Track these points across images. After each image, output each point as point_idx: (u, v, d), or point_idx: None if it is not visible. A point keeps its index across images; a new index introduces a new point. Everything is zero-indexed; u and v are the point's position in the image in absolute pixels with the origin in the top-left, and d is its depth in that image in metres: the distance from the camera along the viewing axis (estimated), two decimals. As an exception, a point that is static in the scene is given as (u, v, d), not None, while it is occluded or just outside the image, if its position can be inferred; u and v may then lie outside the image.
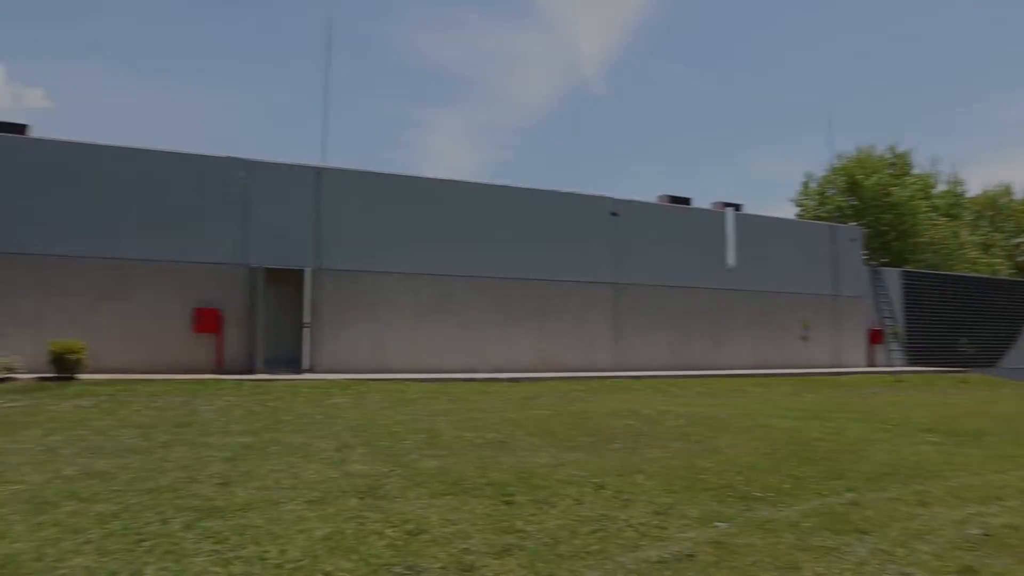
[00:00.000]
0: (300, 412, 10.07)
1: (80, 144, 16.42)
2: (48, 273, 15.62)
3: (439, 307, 18.66)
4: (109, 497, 4.94)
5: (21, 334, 15.06)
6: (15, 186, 15.57)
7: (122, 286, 16.07)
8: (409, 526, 4.47)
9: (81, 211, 15.96)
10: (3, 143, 15.99)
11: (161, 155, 16.90)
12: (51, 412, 9.52)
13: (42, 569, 3.54)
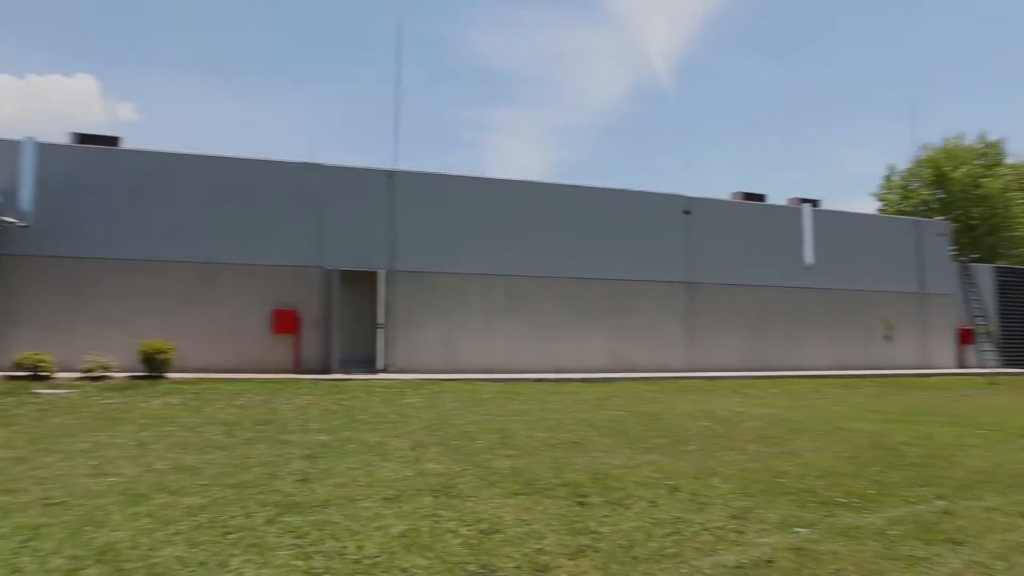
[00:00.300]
0: (375, 411, 10.26)
1: (166, 154, 17.18)
2: (139, 277, 16.38)
3: (510, 307, 18.73)
4: (197, 491, 5.14)
5: (115, 334, 15.83)
6: (109, 195, 16.38)
7: (206, 289, 16.73)
8: (483, 525, 4.50)
9: (168, 217, 16.67)
10: (98, 155, 16.86)
11: (241, 162, 17.50)
12: (143, 409, 9.98)
13: (138, 557, 3.71)
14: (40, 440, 7.23)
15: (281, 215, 17.35)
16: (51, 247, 15.94)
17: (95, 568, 3.55)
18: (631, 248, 20.09)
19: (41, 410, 9.67)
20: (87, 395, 11.50)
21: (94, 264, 16.14)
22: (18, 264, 15.84)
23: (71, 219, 16.14)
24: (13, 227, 15.64)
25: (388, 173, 18.18)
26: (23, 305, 15.82)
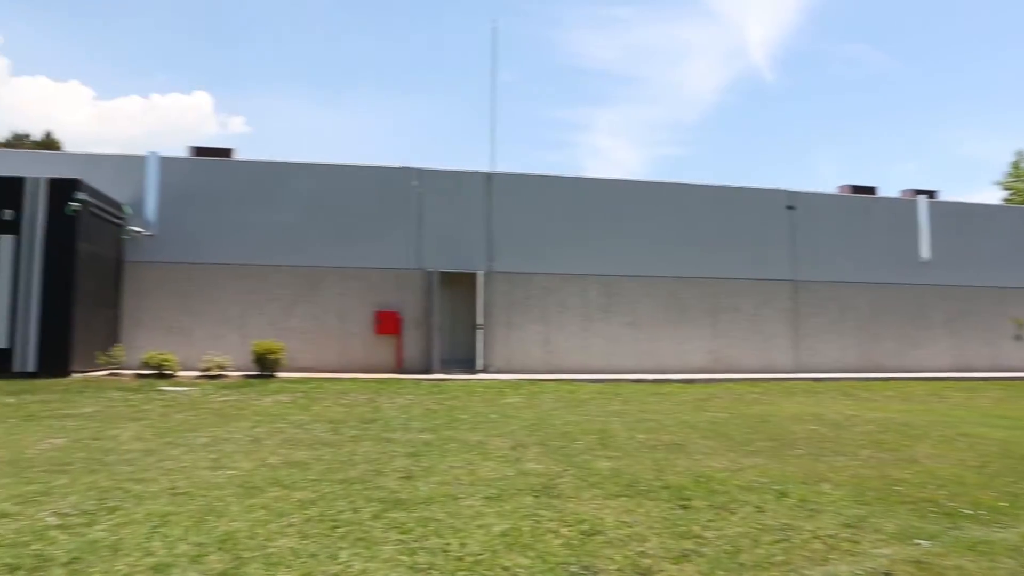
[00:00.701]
0: (475, 411, 10.40)
1: (274, 163, 17.99)
2: (250, 281, 17.23)
3: (608, 307, 18.59)
4: (307, 486, 5.35)
5: (230, 336, 16.71)
6: (224, 204, 17.30)
7: (313, 292, 17.40)
8: (584, 526, 4.48)
9: (277, 224, 17.46)
10: (212, 166, 17.84)
11: (344, 168, 18.12)
12: (256, 406, 10.47)
13: (255, 546, 3.89)
14: (166, 434, 7.71)
15: (382, 219, 17.86)
16: (172, 254, 16.99)
17: (217, 555, 3.75)
18: (732, 245, 19.56)
19: (166, 406, 10.31)
20: (206, 393, 12.18)
21: (210, 269, 17.10)
22: (144, 270, 16.96)
23: (189, 227, 17.15)
24: (140, 236, 16.77)
25: (486, 175, 18.41)
26: (148, 308, 16.92)
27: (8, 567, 3.52)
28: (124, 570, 3.51)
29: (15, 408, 9.74)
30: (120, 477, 5.52)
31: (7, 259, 14.30)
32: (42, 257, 14.36)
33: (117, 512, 4.50)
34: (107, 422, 8.59)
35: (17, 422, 8.49)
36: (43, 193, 14.48)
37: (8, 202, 14.39)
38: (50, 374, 13.98)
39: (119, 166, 17.28)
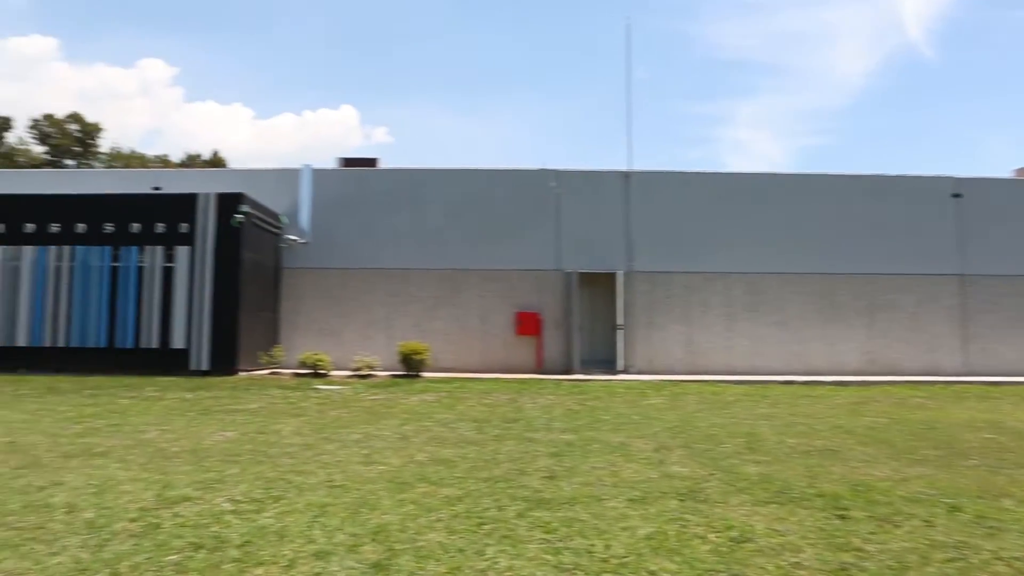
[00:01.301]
0: (617, 412, 10.31)
1: (416, 170, 18.67)
2: (396, 284, 17.95)
3: (753, 306, 17.89)
4: (453, 483, 5.49)
5: (378, 336, 17.48)
6: (370, 210, 18.13)
7: (454, 293, 17.89)
8: (733, 533, 4.32)
9: (419, 228, 18.10)
10: (360, 175, 18.75)
11: (483, 173, 18.51)
12: (403, 405, 10.89)
13: (406, 539, 4.05)
14: (322, 430, 8.18)
15: (521, 221, 18.10)
16: (324, 260, 18.01)
17: (371, 546, 3.92)
18: (889, 239, 18.28)
19: (321, 403, 10.93)
20: (357, 391, 12.81)
21: (359, 273, 17.98)
22: (299, 276, 18.08)
23: (340, 234, 18.11)
24: (295, 244, 17.90)
25: (623, 174, 18.24)
26: (303, 312, 18.02)
27: (193, 545, 3.85)
28: (289, 555, 3.75)
29: (192, 403, 10.67)
30: (283, 469, 5.90)
31: (184, 268, 15.71)
32: (212, 266, 15.66)
33: (281, 501, 4.82)
34: (270, 417, 9.23)
35: (195, 416, 9.29)
36: (212, 207, 15.79)
37: (184, 216, 15.80)
38: (220, 372, 15.22)
39: (276, 179, 18.54)
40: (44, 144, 51.74)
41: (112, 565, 3.55)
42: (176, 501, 4.78)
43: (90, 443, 7.05)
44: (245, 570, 3.53)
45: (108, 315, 15.81)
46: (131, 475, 5.57)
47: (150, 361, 15.48)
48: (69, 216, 16.12)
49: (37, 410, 9.64)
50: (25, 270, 16.10)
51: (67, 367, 15.48)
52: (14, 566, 3.54)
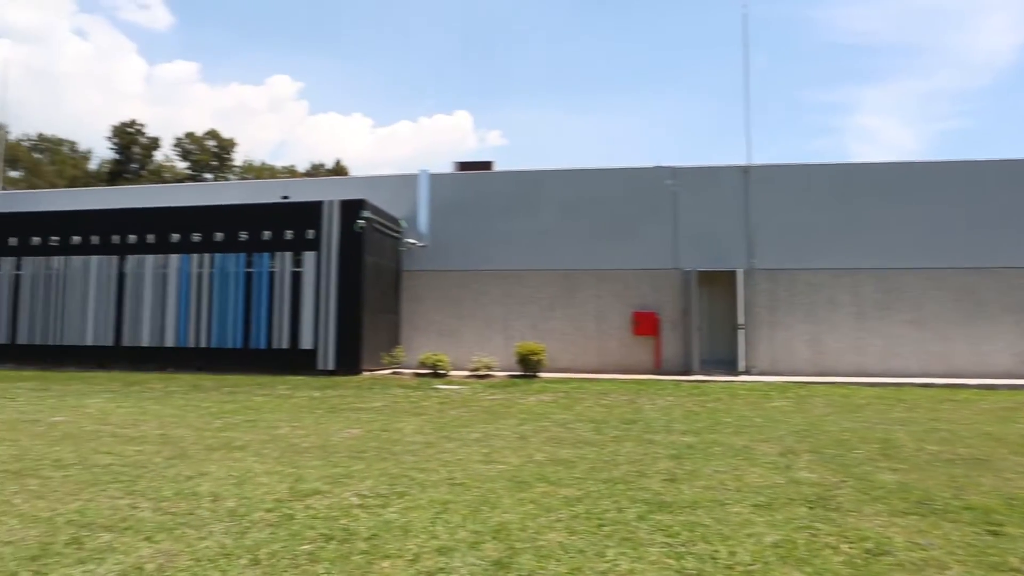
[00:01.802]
0: (739, 414, 9.99)
1: (530, 172, 18.78)
2: (512, 285, 18.13)
3: (886, 304, 16.88)
4: (572, 483, 5.48)
5: (495, 337, 17.72)
6: (486, 213, 18.40)
7: (570, 294, 17.87)
8: (868, 544, 4.09)
9: (534, 230, 18.20)
10: (476, 179, 19.07)
11: (597, 172, 18.40)
12: (521, 405, 10.98)
13: (526, 538, 4.07)
14: (442, 428, 8.37)
15: (637, 220, 17.87)
16: (442, 262, 18.44)
17: (492, 544, 3.98)
18: (1044, 229, 16.78)
19: (441, 402, 11.19)
20: (475, 391, 13.03)
21: (476, 275, 18.29)
22: (418, 278, 18.59)
23: (457, 237, 18.49)
24: (414, 247, 18.42)
25: (742, 169, 17.66)
26: (423, 313, 18.50)
27: (324, 537, 4.04)
28: (414, 549, 3.86)
29: (320, 401, 11.18)
30: (406, 466, 6.08)
31: (311, 273, 16.50)
32: (337, 270, 16.37)
33: (405, 497, 4.97)
34: (393, 416, 9.53)
35: (323, 413, 9.74)
36: (336, 214, 16.51)
37: (310, 223, 16.60)
38: (345, 372, 15.88)
39: (395, 185, 19.15)
40: (186, 160, 55.77)
41: (252, 551, 3.77)
42: (307, 494, 5.02)
43: (230, 437, 7.53)
44: (373, 562, 3.66)
45: (243, 318, 16.83)
46: (266, 468, 5.89)
47: (281, 361, 16.36)
48: (208, 226, 17.29)
49: (184, 406, 10.40)
50: (172, 277, 17.40)
51: (208, 366, 16.61)
52: (169, 547, 3.83)
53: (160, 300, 17.45)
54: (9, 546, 3.85)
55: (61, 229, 18.38)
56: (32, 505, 4.68)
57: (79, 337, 17.94)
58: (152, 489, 5.12)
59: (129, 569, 3.51)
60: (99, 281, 17.92)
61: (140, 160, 54.31)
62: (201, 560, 3.64)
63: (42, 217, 18.99)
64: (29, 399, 11.20)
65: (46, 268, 18.38)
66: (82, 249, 18.12)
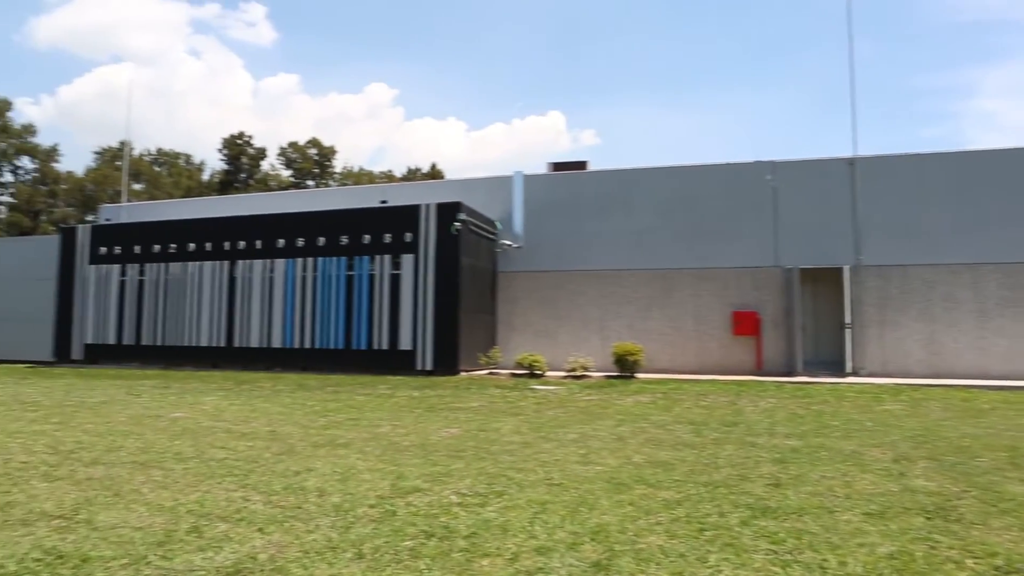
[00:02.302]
0: (847, 417, 9.55)
1: (625, 170, 18.61)
2: (608, 286, 18.00)
3: (1014, 301, 15.77)
4: (671, 486, 5.38)
5: (591, 338, 17.63)
6: (581, 213, 18.34)
7: (667, 293, 17.58)
8: (996, 560, 3.81)
9: (630, 229, 18.01)
10: (570, 179, 19.05)
11: (693, 169, 18.04)
12: (618, 406, 10.88)
13: (625, 541, 4.02)
14: (539, 429, 8.38)
15: (735, 217, 17.40)
16: (538, 263, 18.49)
17: (590, 545, 3.95)
18: None
19: (538, 403, 11.22)
20: (572, 392, 12.99)
21: (572, 276, 18.26)
22: (513, 279, 18.71)
23: (552, 237, 18.51)
24: (510, 248, 18.55)
25: (848, 161, 16.90)
26: (519, 314, 18.61)
27: (425, 533, 4.11)
28: (512, 548, 3.87)
29: (419, 401, 11.42)
30: (503, 465, 6.12)
31: (409, 275, 16.89)
32: (434, 272, 16.69)
33: (503, 497, 5.00)
34: (490, 416, 9.63)
35: (421, 412, 9.94)
36: (432, 217, 16.83)
37: (408, 226, 17.00)
38: (443, 372, 16.16)
39: (489, 187, 19.34)
40: (290, 168, 58.19)
41: (357, 545, 3.88)
42: (408, 491, 5.13)
43: (334, 435, 7.79)
44: (472, 560, 3.70)
45: (345, 319, 17.40)
46: (369, 465, 6.06)
47: (381, 361, 16.81)
48: (311, 231, 17.97)
49: (290, 404, 10.84)
50: (278, 281, 18.18)
51: (311, 366, 17.26)
52: (279, 538, 3.99)
53: (267, 303, 18.26)
54: (139, 531, 4.12)
55: (178, 237, 19.53)
56: (157, 495, 4.99)
57: (195, 338, 19.00)
58: (263, 483, 5.36)
59: (244, 558, 3.68)
60: (212, 286, 18.93)
61: (248, 170, 57.07)
62: (309, 552, 3.77)
63: (161, 226, 20.25)
64: (152, 396, 11.94)
65: (166, 274, 19.57)
66: (197, 255, 19.19)
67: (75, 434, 7.74)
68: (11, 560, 3.63)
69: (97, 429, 8.12)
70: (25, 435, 7.64)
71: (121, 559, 3.65)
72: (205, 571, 3.49)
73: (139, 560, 3.64)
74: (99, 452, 6.63)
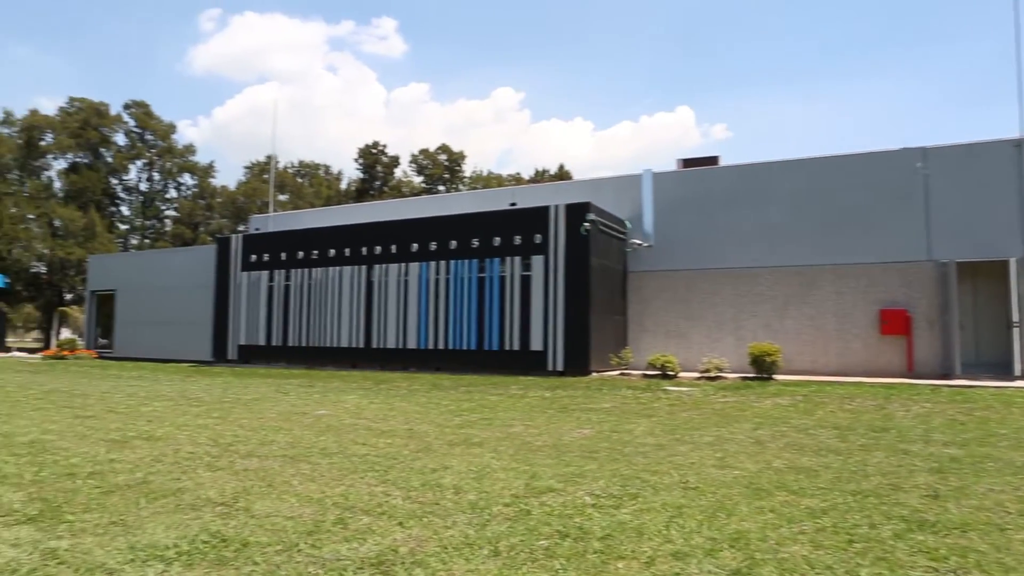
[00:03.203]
0: (1017, 425, 8.73)
1: (758, 164, 17.92)
2: (741, 284, 17.39)
3: None
4: (815, 493, 5.11)
5: (725, 338, 17.11)
6: (713, 210, 17.84)
7: (807, 292, 16.77)
8: None
9: (766, 224, 17.32)
10: (701, 175, 18.57)
11: (832, 160, 17.14)
12: (755, 408, 10.48)
13: (767, 549, 3.86)
14: (673, 431, 8.21)
15: (880, 208, 16.34)
16: (668, 262, 18.14)
17: (730, 552, 3.81)
18: None
19: (671, 405, 10.99)
20: (706, 393, 12.64)
21: (704, 274, 17.78)
22: (644, 279, 18.45)
23: (683, 236, 18.10)
24: (640, 247, 18.31)
25: (1015, 143, 15.46)
26: (649, 314, 18.33)
27: (560, 534, 4.12)
28: (648, 552, 3.80)
29: (551, 401, 11.47)
30: (637, 467, 6.03)
31: (539, 276, 17.01)
32: (564, 273, 16.72)
33: (637, 499, 4.93)
34: (622, 417, 9.53)
35: (554, 413, 9.98)
36: (562, 218, 16.87)
37: (537, 228, 17.13)
38: (574, 373, 16.15)
39: (617, 186, 19.16)
40: (421, 174, 60.11)
41: (493, 543, 3.94)
42: (542, 491, 5.15)
43: (468, 434, 7.96)
44: (607, 562, 3.66)
45: (476, 321, 17.76)
46: (503, 464, 6.14)
47: (512, 362, 17.02)
48: (443, 235, 18.47)
49: (425, 403, 11.18)
50: (412, 284, 18.81)
51: (444, 366, 17.73)
52: (418, 533, 4.12)
53: (402, 306, 18.93)
54: (291, 520, 4.37)
55: (319, 244, 20.63)
56: (305, 487, 5.27)
57: (335, 340, 20.00)
58: (402, 479, 5.55)
59: (386, 550, 3.82)
60: (351, 289, 19.85)
61: (382, 177, 59.44)
62: (447, 547, 3.87)
63: (304, 234, 21.46)
64: (298, 394, 12.67)
65: (308, 278, 20.72)
66: (336, 261, 20.19)
67: (232, 428, 8.33)
68: (184, 540, 3.95)
69: (251, 424, 8.70)
70: (190, 428, 8.30)
71: (275, 545, 3.89)
72: (351, 561, 3.65)
73: (291, 548, 3.86)
74: (253, 445, 7.09)
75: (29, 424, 8.56)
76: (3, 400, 11.39)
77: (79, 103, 49.18)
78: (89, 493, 5.04)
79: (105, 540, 3.96)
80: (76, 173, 48.64)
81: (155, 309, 26.13)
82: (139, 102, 51.90)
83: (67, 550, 3.79)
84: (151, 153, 53.16)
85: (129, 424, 8.62)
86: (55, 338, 43.49)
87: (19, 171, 47.70)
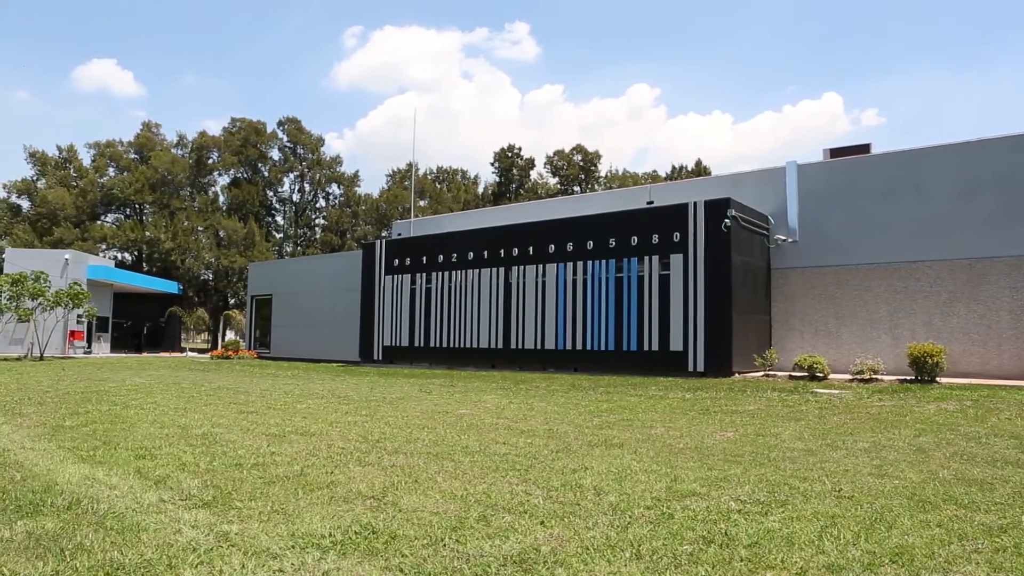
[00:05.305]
0: None
1: (914, 151, 16.70)
2: (897, 280, 16.25)
3: None
4: (991, 509, 4.68)
5: (880, 338, 16.05)
6: (864, 201, 16.79)
7: (974, 286, 15.45)
8: None
9: (924, 215, 16.12)
10: (850, 165, 17.53)
11: (1003, 141, 15.70)
12: (916, 413, 9.75)
13: (934, 567, 3.57)
14: (824, 436, 7.78)
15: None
16: (815, 258, 17.25)
17: (891, 567, 3.56)
18: None
19: (821, 408, 10.43)
20: (859, 396, 11.90)
21: (855, 270, 16.76)
22: (789, 276, 17.63)
23: (831, 230, 17.16)
24: (784, 243, 17.52)
25: None
26: (795, 312, 17.49)
27: (704, 539, 4.00)
28: (799, 563, 3.62)
29: (692, 403, 11.19)
30: (785, 473, 5.76)
31: (678, 275, 16.64)
32: (703, 271, 16.27)
33: (786, 506, 4.70)
34: (768, 420, 9.13)
35: (695, 415, 9.72)
36: (700, 215, 16.42)
37: (675, 226, 16.77)
38: (715, 374, 15.67)
39: (759, 180, 18.40)
40: (556, 176, 60.44)
41: (634, 545, 3.89)
42: (685, 495, 5.03)
43: (608, 435, 7.90)
44: (754, 571, 3.52)
45: (614, 321, 17.61)
46: (643, 466, 6.05)
47: (651, 362, 16.75)
48: (579, 235, 18.46)
49: (564, 403, 11.21)
50: (549, 285, 18.93)
51: (582, 367, 17.71)
52: (560, 533, 4.13)
53: (540, 307, 19.09)
54: (436, 516, 4.51)
55: (458, 247, 21.19)
56: (449, 484, 5.42)
57: (475, 341, 20.46)
58: (542, 479, 5.59)
59: (528, 548, 3.85)
60: (489, 291, 20.24)
61: (518, 180, 60.26)
62: (588, 548, 3.85)
63: (443, 238, 22.13)
64: (440, 394, 13.06)
65: (448, 281, 21.33)
66: (475, 263, 20.66)
67: (379, 426, 8.70)
68: (338, 530, 4.17)
69: (397, 422, 9.06)
70: (341, 425, 8.75)
71: (422, 539, 4.02)
72: (494, 558, 3.72)
73: (437, 542, 3.97)
74: (399, 443, 7.38)
75: (202, 418, 9.34)
76: (180, 396, 12.49)
77: (240, 122, 53.36)
78: (253, 483, 5.42)
79: (268, 527, 4.24)
80: (237, 187, 52.92)
81: (307, 312, 27.85)
82: (291, 118, 55.60)
83: (237, 534, 4.09)
84: (302, 166, 56.80)
85: (286, 420, 9.21)
86: (221, 340, 47.44)
87: (190, 187, 52.59)
